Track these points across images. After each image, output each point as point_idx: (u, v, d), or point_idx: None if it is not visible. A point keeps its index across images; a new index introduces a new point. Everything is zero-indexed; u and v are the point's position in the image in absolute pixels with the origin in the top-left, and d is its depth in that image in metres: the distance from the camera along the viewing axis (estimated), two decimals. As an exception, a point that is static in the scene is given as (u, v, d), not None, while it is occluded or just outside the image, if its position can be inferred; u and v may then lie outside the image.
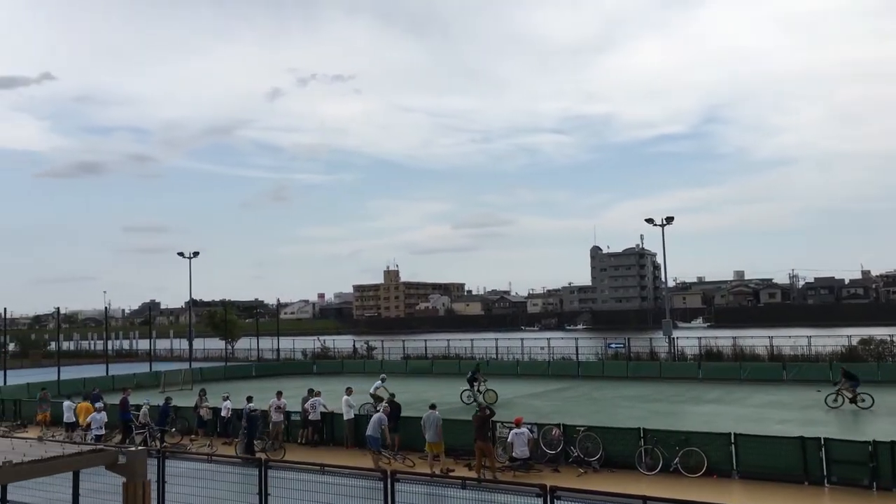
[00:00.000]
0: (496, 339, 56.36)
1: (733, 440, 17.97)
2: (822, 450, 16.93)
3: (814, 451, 17.01)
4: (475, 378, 32.12)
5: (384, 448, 20.08)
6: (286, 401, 24.53)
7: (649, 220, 48.79)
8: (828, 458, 16.82)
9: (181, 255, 60.55)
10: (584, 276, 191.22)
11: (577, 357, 48.12)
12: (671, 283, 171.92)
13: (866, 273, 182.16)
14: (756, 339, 46.85)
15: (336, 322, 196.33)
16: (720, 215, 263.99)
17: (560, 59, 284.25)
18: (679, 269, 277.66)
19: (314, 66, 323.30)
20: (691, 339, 50.45)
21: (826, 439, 17.15)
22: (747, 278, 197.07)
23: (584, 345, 52.01)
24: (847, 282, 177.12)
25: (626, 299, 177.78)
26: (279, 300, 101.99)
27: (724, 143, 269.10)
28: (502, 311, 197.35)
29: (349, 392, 23.93)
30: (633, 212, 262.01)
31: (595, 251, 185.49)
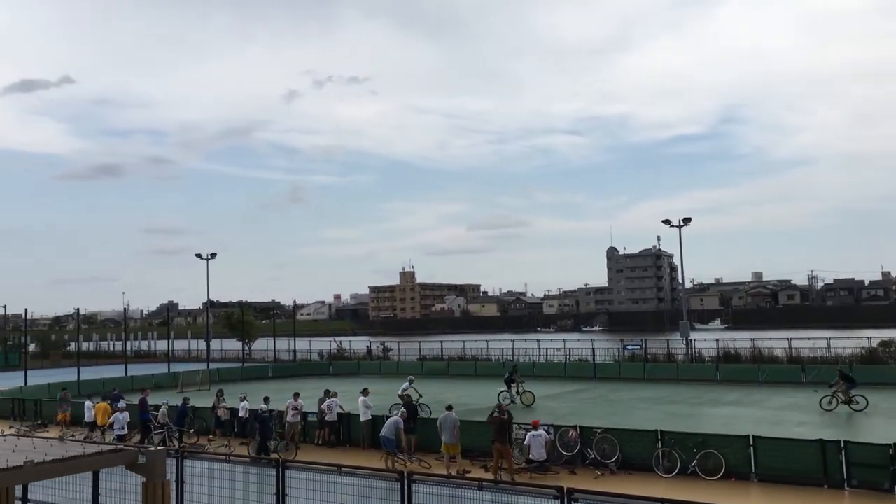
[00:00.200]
0: (512, 341, 56.29)
1: (752, 443, 17.85)
2: (843, 453, 16.77)
3: (834, 454, 16.85)
4: (512, 379, 31.91)
5: (398, 450, 20.12)
6: (303, 402, 24.63)
7: (666, 222, 48.49)
8: (848, 461, 16.67)
9: (199, 256, 60.84)
10: (600, 278, 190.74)
11: (593, 359, 47.93)
12: (688, 285, 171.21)
13: (886, 274, 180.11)
14: (774, 341, 46.49)
15: (352, 323, 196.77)
16: (738, 216, 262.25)
17: (575, 60, 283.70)
18: (696, 270, 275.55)
19: (330, 67, 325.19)
20: (709, 340, 50.13)
21: (846, 442, 17.00)
22: (765, 279, 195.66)
23: (600, 346, 51.81)
24: (867, 283, 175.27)
25: (642, 301, 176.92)
26: (295, 301, 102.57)
27: (741, 144, 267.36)
28: (518, 313, 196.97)
29: (365, 393, 23.99)
30: (650, 213, 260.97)
31: (611, 252, 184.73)
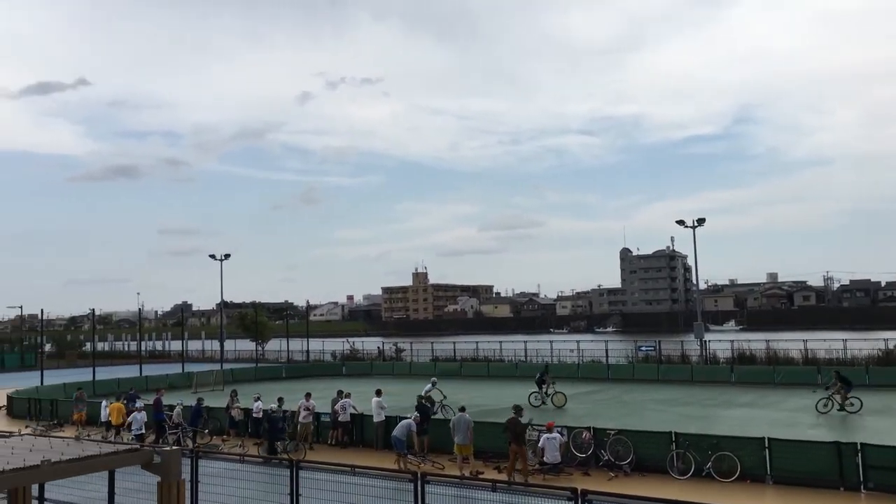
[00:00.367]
0: (525, 342, 56.18)
1: (767, 445, 17.72)
2: (859, 455, 16.63)
3: (850, 457, 16.71)
4: (543, 380, 31.79)
5: (410, 452, 20.13)
6: (314, 402, 24.70)
7: (680, 222, 48.23)
8: (864, 464, 16.51)
9: (212, 257, 61.24)
10: (613, 279, 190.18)
11: (606, 360, 47.73)
12: (703, 286, 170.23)
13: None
14: (790, 343, 46.17)
15: (365, 324, 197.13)
16: (753, 217, 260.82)
17: (588, 60, 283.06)
18: (710, 271, 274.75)
19: (343, 69, 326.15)
20: (723, 342, 49.83)
21: (863, 444, 16.84)
22: (781, 280, 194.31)
23: (613, 347, 51.59)
24: (884, 284, 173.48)
25: (656, 301, 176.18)
26: (308, 302, 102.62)
27: (755, 144, 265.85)
28: (531, 314, 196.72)
29: (379, 394, 24.01)
30: (663, 213, 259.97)
31: (625, 253, 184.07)
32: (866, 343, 45.68)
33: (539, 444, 18.75)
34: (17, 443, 10.10)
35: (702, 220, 47.51)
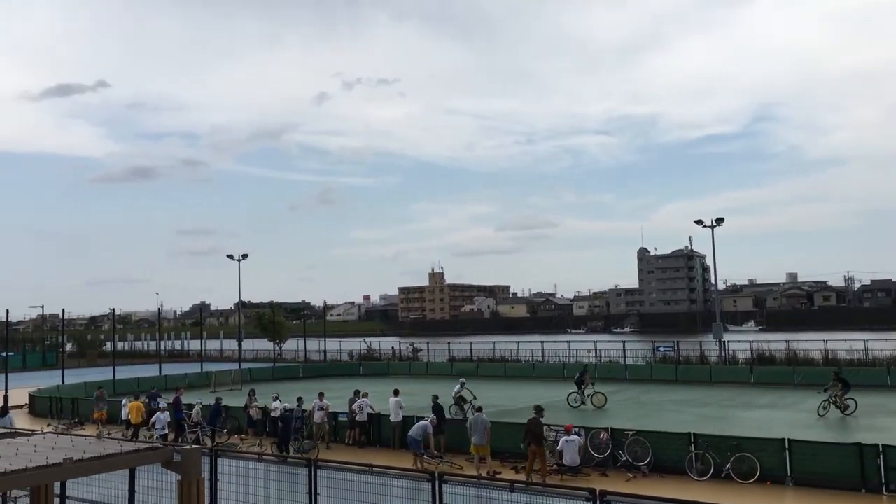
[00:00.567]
0: (542, 342, 56.04)
1: (787, 446, 17.58)
2: (881, 457, 16.46)
3: (871, 458, 16.55)
4: (583, 380, 31.54)
5: (426, 452, 20.17)
6: (328, 401, 24.77)
7: (698, 222, 47.90)
8: (886, 465, 16.34)
9: (230, 257, 61.54)
10: (630, 279, 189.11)
11: (624, 360, 47.57)
12: (721, 286, 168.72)
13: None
14: (810, 343, 45.78)
15: (381, 324, 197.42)
16: (772, 216, 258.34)
17: (605, 60, 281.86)
18: (729, 271, 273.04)
19: (359, 69, 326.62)
20: (743, 342, 49.46)
21: (885, 446, 16.67)
22: (801, 281, 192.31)
23: (631, 348, 51.38)
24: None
25: (674, 302, 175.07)
26: (325, 302, 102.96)
27: (775, 143, 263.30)
28: (548, 314, 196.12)
29: (396, 394, 24.06)
30: (681, 213, 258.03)
31: (642, 253, 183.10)
32: (888, 343, 45.14)
33: (558, 447, 18.69)
34: (40, 441, 10.21)
35: (720, 220, 47.14)
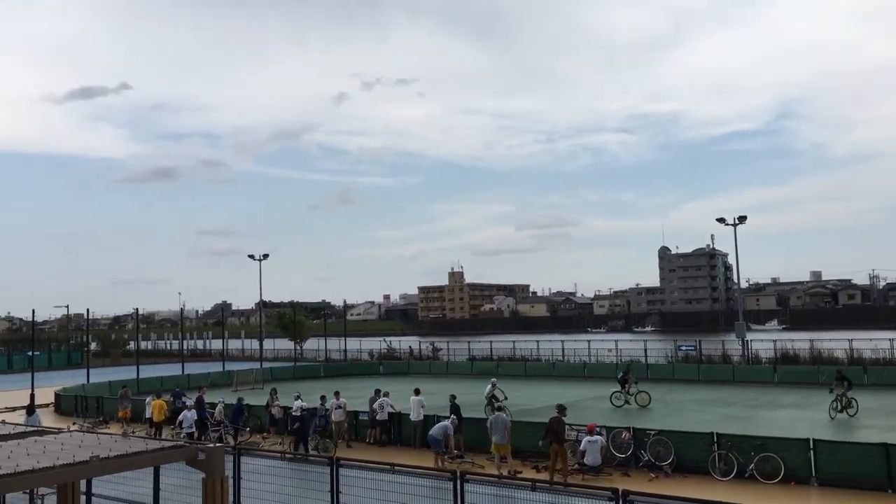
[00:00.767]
0: (562, 341, 55.81)
1: (812, 446, 17.39)
2: (908, 457, 16.23)
3: (899, 459, 16.32)
4: (626, 379, 31.32)
5: (447, 451, 20.19)
6: (345, 400, 24.80)
7: (721, 220, 47.46)
8: (914, 467, 16.12)
9: (251, 257, 62.00)
10: (652, 278, 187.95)
11: (645, 359, 47.28)
12: (744, 284, 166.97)
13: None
14: (834, 342, 45.24)
15: (401, 323, 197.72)
16: (795, 214, 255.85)
17: (626, 58, 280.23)
18: (752, 269, 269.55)
19: (379, 70, 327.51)
20: (766, 341, 48.98)
21: (912, 446, 16.44)
22: (825, 279, 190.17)
23: (652, 347, 51.03)
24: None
25: (696, 301, 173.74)
26: (346, 301, 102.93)
27: (798, 140, 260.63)
28: (568, 313, 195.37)
29: (417, 392, 24.09)
30: (703, 211, 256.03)
31: (663, 252, 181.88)
32: (914, 343, 44.44)
33: (580, 447, 18.61)
34: (66, 439, 10.33)
35: (743, 218, 46.66)
